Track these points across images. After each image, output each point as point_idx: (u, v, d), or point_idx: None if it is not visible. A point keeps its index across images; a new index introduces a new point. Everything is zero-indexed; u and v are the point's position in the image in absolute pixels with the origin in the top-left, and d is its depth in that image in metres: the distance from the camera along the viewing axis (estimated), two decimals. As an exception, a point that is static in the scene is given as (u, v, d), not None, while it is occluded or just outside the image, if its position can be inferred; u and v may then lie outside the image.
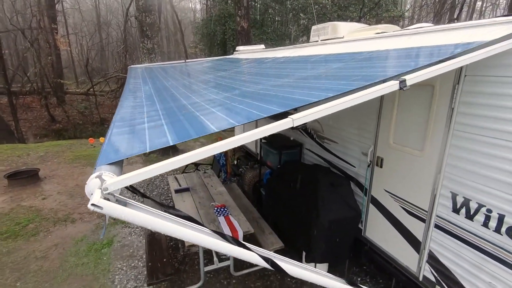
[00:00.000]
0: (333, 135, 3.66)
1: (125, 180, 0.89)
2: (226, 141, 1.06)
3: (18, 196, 5.44)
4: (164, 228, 0.95)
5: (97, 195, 0.83)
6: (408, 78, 1.16)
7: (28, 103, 17.15)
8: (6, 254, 3.82)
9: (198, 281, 3.33)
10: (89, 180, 0.88)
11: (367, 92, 1.12)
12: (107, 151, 1.07)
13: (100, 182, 0.86)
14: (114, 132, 1.28)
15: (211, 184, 4.27)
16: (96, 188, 0.85)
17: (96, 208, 0.82)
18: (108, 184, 0.85)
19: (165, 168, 0.97)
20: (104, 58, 29.01)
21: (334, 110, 1.13)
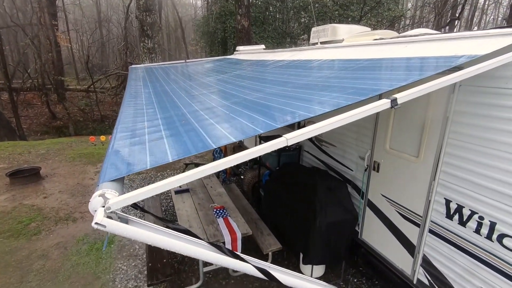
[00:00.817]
0: (332, 138, 3.71)
1: (127, 200, 0.93)
2: (226, 159, 1.10)
3: (20, 194, 5.50)
4: (163, 243, 1.00)
5: (100, 214, 0.88)
6: (399, 97, 1.21)
7: (29, 100, 17.20)
8: (8, 253, 3.89)
9: (197, 281, 3.40)
10: (92, 198, 0.92)
11: (359, 110, 1.17)
12: (108, 168, 1.11)
13: (103, 200, 0.90)
14: (116, 146, 1.32)
15: (211, 185, 4.33)
16: (99, 207, 0.90)
17: (100, 227, 0.87)
18: (111, 203, 0.90)
19: (167, 187, 1.02)
20: (104, 55, 28.96)
21: (324, 130, 1.18)
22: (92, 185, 6.01)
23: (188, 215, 3.48)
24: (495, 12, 28.99)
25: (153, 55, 7.04)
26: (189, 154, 1.14)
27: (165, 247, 1.00)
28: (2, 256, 3.82)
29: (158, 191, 0.99)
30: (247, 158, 1.13)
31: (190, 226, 3.25)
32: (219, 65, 4.94)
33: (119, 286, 3.37)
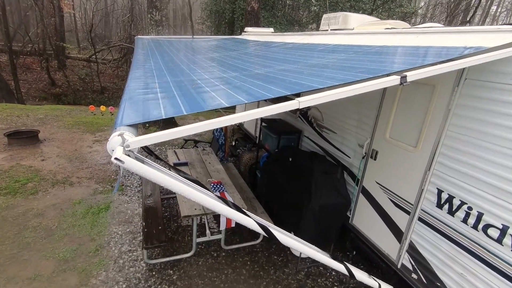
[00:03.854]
0: (332, 125, 3.76)
1: (145, 140, 0.98)
2: (237, 115, 1.14)
3: (17, 155, 5.52)
4: (175, 186, 1.05)
5: (119, 150, 0.92)
6: (409, 75, 1.24)
7: (28, 64, 16.88)
8: (5, 209, 3.95)
9: (189, 250, 3.50)
10: (111, 137, 0.97)
11: (369, 83, 1.20)
12: (125, 114, 1.15)
13: (121, 139, 0.95)
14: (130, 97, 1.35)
15: (209, 161, 4.39)
16: (117, 145, 0.94)
17: (119, 162, 0.91)
18: (130, 142, 0.94)
19: (182, 134, 1.06)
20: (108, 26, 28.29)
21: (338, 97, 1.21)
22: (90, 152, 6.04)
23: (185, 187, 3.55)
24: (506, 20, 28.72)
25: (160, 28, 6.92)
26: (201, 109, 1.18)
27: (176, 190, 1.05)
28: (0, 212, 3.88)
29: (172, 136, 1.04)
30: (257, 116, 1.16)
31: (187, 197, 3.33)
32: (227, 43, 4.91)
33: (113, 249, 3.46)
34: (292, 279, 3.31)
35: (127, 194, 4.65)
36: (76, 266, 3.15)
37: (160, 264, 3.31)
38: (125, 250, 3.45)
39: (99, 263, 3.22)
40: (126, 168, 0.93)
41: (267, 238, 3.89)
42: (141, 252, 3.43)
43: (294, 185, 3.45)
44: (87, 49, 19.25)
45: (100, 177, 5.08)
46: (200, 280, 3.15)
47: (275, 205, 3.90)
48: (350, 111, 3.41)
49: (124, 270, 3.17)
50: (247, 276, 3.28)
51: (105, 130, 7.51)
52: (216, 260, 3.47)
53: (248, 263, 3.47)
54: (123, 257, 3.35)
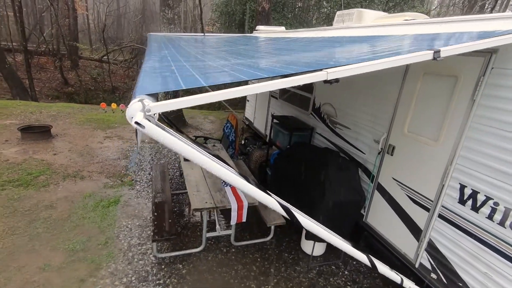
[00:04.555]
0: (346, 120, 3.67)
1: (166, 105, 0.93)
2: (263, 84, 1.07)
3: (30, 149, 5.58)
4: (194, 156, 0.99)
5: (140, 115, 0.88)
6: (443, 49, 1.17)
7: (42, 64, 17.23)
8: (17, 200, 3.97)
9: (199, 245, 3.45)
10: (131, 104, 0.92)
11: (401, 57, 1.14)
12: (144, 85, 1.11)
13: (141, 105, 0.90)
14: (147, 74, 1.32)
15: (220, 157, 4.34)
16: (138, 111, 0.90)
17: (139, 127, 0.87)
18: (151, 106, 0.90)
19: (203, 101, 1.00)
20: (120, 27, 28.76)
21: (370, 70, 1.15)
22: (101, 148, 6.08)
23: (196, 181, 3.51)
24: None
25: (172, 26, 6.96)
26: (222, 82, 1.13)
27: (196, 160, 0.99)
28: (11, 203, 3.91)
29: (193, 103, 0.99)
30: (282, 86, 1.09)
31: (198, 191, 3.29)
32: (239, 39, 4.88)
33: (123, 241, 3.43)
34: (304, 277, 3.22)
35: (137, 189, 4.64)
36: (86, 257, 3.12)
37: (169, 258, 3.26)
38: (134, 244, 3.42)
39: (108, 255, 3.19)
40: (147, 133, 0.88)
41: (277, 235, 3.83)
42: (150, 245, 3.39)
43: (307, 182, 3.37)
44: (99, 50, 19.58)
45: (110, 172, 5.09)
46: (209, 275, 3.09)
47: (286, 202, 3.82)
48: (366, 106, 3.32)
49: (133, 262, 3.13)
50: (257, 273, 3.20)
51: (116, 127, 7.57)
52: (226, 256, 3.40)
53: (259, 260, 3.40)
54: (132, 250, 3.32)
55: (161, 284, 2.89)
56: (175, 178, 5.17)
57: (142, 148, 6.33)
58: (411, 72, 2.71)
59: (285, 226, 3.92)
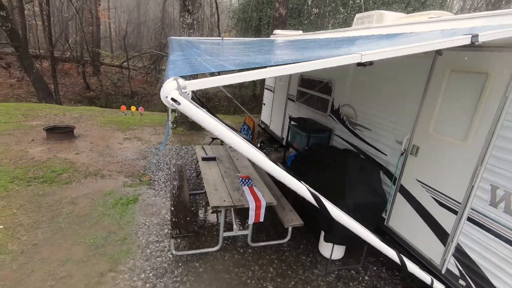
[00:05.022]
0: (367, 121, 3.60)
1: (201, 83, 0.94)
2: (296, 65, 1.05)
3: (54, 148, 5.79)
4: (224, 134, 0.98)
5: (176, 92, 0.89)
6: (481, 34, 1.13)
7: (67, 70, 18.00)
8: (42, 196, 4.11)
9: (215, 245, 3.44)
10: (165, 83, 0.93)
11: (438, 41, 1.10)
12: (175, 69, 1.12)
13: (177, 84, 0.91)
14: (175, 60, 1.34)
15: (237, 158, 4.35)
16: (173, 89, 0.90)
17: (174, 103, 0.88)
18: (186, 83, 0.91)
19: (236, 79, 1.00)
20: (139, 35, 29.76)
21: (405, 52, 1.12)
22: (120, 149, 6.23)
23: (214, 180, 3.52)
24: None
25: (191, 31, 7.13)
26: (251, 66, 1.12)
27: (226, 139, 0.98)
28: (36, 198, 4.04)
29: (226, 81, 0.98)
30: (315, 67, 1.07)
31: (216, 189, 3.29)
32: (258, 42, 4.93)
33: (141, 238, 3.47)
34: (322, 280, 3.14)
35: (155, 188, 4.70)
36: (106, 252, 3.17)
37: (187, 256, 3.26)
38: (152, 241, 3.45)
39: (127, 251, 3.23)
40: (182, 109, 0.89)
41: (295, 237, 3.77)
42: (168, 243, 3.41)
43: (326, 183, 3.31)
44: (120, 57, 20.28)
45: (129, 172, 5.19)
46: (226, 274, 3.07)
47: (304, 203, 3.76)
48: (388, 106, 3.25)
49: (151, 259, 3.15)
50: (274, 274, 3.15)
51: (135, 129, 7.75)
52: (243, 256, 3.37)
53: (275, 262, 3.34)
54: (150, 247, 3.34)
55: (178, 281, 2.89)
56: (192, 179, 5.21)
57: (160, 149, 6.44)
58: (437, 70, 2.63)
59: (302, 228, 3.86)
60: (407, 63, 2.99)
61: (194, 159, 6.12)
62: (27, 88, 14.67)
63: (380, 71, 3.39)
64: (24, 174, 4.62)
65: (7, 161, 4.98)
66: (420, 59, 2.78)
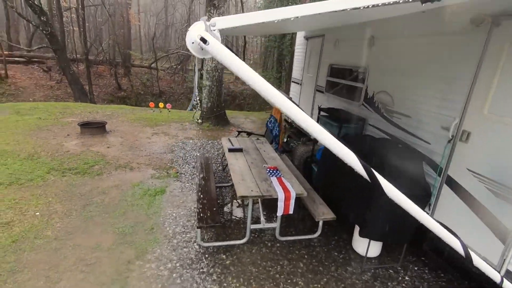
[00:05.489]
0: (406, 108, 3.30)
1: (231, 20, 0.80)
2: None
3: (88, 142, 6.01)
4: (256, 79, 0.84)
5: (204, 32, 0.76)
6: None
7: (100, 72, 18.97)
8: (75, 186, 4.24)
9: (242, 238, 3.32)
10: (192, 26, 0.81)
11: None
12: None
13: (204, 25, 0.78)
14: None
15: (264, 149, 4.20)
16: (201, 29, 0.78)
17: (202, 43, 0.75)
18: (216, 19, 0.78)
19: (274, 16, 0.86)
20: (167, 38, 30.70)
21: None
22: (149, 143, 6.33)
23: (241, 170, 3.40)
24: None
25: (217, 25, 7.11)
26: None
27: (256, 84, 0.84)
28: (70, 188, 4.17)
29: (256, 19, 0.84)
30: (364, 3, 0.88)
31: (243, 179, 3.16)
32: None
33: (167, 229, 3.44)
34: (357, 279, 2.90)
35: (182, 181, 4.69)
36: (133, 241, 3.17)
37: (213, 248, 3.17)
38: (178, 231, 3.40)
39: (154, 241, 3.20)
40: (210, 50, 0.76)
41: (325, 233, 3.55)
42: (195, 234, 3.34)
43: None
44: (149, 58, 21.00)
45: (157, 164, 5.24)
46: (254, 268, 2.93)
47: (336, 197, 3.53)
48: (431, 89, 2.94)
49: (178, 249, 3.10)
50: (304, 270, 2.96)
51: (163, 125, 7.88)
52: (271, 250, 3.22)
53: (305, 257, 3.15)
54: (177, 237, 3.29)
55: (204, 273, 2.80)
56: (218, 172, 5.15)
57: (187, 144, 6.47)
58: (493, 43, 2.31)
59: (333, 223, 3.64)
60: (455, 40, 2.67)
61: (220, 153, 6.07)
62: (65, 90, 15.62)
63: (423, 50, 3.08)
64: (60, 165, 4.81)
65: (45, 154, 5.22)
66: (472, 32, 2.46)
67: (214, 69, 7.72)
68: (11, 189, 3.97)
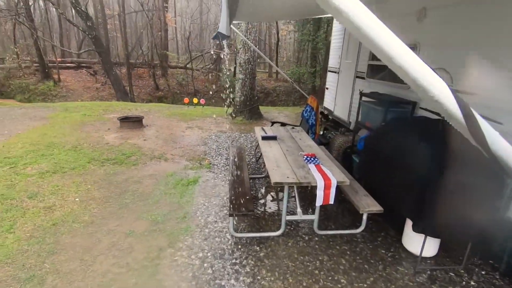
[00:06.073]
0: (470, 84, 2.82)
1: None
2: None
3: (126, 135, 6.20)
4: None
5: None
6: None
7: (140, 74, 19.94)
8: (113, 175, 4.32)
9: (277, 230, 3.08)
10: None
11: None
12: None
13: None
14: None
15: (300, 138, 3.93)
16: None
17: None
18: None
19: None
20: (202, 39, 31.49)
21: None
22: (183, 136, 6.37)
23: (275, 158, 3.16)
24: None
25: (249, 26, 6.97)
26: None
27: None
28: (108, 176, 4.26)
29: None
30: None
31: (278, 166, 2.93)
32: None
33: (199, 218, 3.32)
34: (410, 280, 2.51)
35: (214, 172, 4.58)
36: (166, 229, 3.09)
37: (246, 239, 2.98)
38: (210, 221, 3.26)
39: (186, 229, 3.09)
40: None
41: (369, 228, 3.18)
42: (227, 224, 3.18)
43: (414, 161, 2.65)
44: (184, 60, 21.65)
45: (190, 156, 5.20)
46: (290, 262, 2.68)
47: (383, 188, 3.14)
48: (506, 57, 2.45)
49: (210, 239, 2.95)
50: (347, 267, 2.64)
51: (197, 119, 7.93)
52: (308, 244, 2.94)
53: (348, 253, 2.83)
54: (209, 226, 3.16)
55: (237, 264, 2.61)
56: (251, 164, 4.97)
57: (220, 136, 6.40)
58: None
59: (377, 218, 3.27)
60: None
61: (253, 145, 5.90)
62: (108, 91, 16.64)
63: (495, 16, 2.60)
64: (100, 156, 4.97)
65: (87, 145, 5.45)
66: None
67: (247, 62, 7.58)
68: (55, 177, 4.15)
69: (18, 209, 3.32)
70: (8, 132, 6.10)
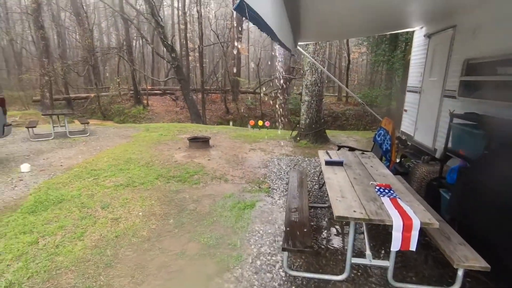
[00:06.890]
0: None
1: None
2: None
3: (192, 154, 6.49)
4: None
5: None
6: None
7: (213, 99, 21.58)
8: (175, 192, 4.44)
9: (340, 273, 2.58)
10: None
11: None
12: None
13: None
14: None
15: (371, 165, 3.39)
16: None
17: None
18: None
19: None
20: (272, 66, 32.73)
21: None
22: (245, 157, 6.33)
23: (340, 186, 2.73)
24: None
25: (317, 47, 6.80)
26: None
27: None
28: (171, 193, 4.40)
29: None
30: None
31: (343, 197, 2.49)
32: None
33: (252, 247, 3.05)
34: None
35: (273, 196, 4.31)
36: (216, 254, 2.90)
37: (302, 279, 2.56)
38: (263, 252, 2.96)
39: (236, 258, 2.85)
40: None
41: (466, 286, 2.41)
42: (281, 258, 2.82)
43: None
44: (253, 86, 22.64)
45: (250, 178, 5.07)
46: (355, 318, 2.16)
47: (488, 235, 2.38)
48: None
49: (260, 273, 2.64)
50: None
51: (260, 142, 7.89)
52: (380, 298, 2.36)
53: (437, 320, 2.15)
54: (261, 258, 2.85)
55: (289, 310, 2.22)
56: (313, 191, 4.54)
57: (281, 160, 6.15)
58: None
59: (478, 275, 2.48)
60: None
61: (316, 171, 5.46)
62: (185, 114, 18.30)
63: None
64: (167, 173, 5.24)
65: (158, 162, 5.84)
66: None
67: (314, 83, 7.32)
68: (127, 190, 4.47)
69: (91, 218, 3.60)
70: (99, 148, 7.03)
